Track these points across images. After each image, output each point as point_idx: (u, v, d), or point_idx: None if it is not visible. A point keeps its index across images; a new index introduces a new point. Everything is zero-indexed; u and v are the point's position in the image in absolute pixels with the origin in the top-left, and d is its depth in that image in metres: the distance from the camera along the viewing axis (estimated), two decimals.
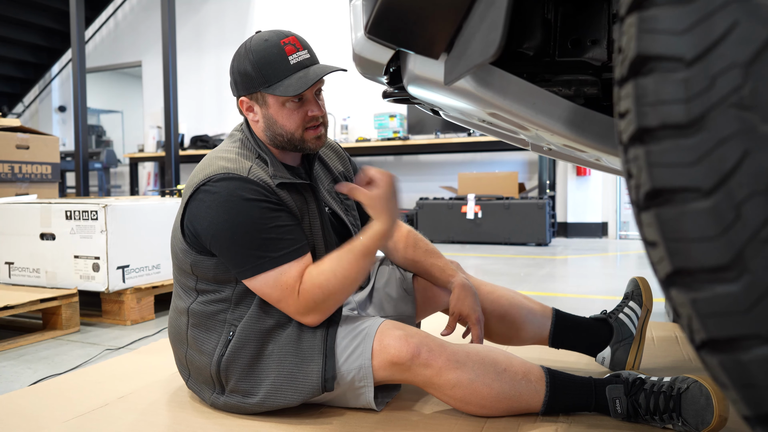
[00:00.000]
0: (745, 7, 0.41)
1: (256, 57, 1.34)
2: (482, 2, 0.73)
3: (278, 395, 1.31)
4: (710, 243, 0.43)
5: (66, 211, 2.41)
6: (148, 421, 1.37)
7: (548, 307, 1.66)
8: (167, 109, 5.60)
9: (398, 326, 1.33)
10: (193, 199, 1.33)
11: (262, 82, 1.34)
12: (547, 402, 1.32)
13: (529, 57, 1.14)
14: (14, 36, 7.38)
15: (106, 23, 8.52)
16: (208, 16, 7.70)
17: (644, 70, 0.46)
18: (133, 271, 2.42)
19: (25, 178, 3.81)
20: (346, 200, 1.58)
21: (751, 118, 0.41)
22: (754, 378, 0.43)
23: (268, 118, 1.38)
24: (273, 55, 1.33)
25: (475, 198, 5.39)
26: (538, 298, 2.82)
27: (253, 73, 1.34)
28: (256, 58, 1.34)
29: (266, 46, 1.34)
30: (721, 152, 0.42)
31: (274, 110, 1.36)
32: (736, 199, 0.42)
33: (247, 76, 1.35)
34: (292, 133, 1.38)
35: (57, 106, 9.18)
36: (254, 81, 1.34)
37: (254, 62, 1.34)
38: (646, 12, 0.45)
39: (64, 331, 2.26)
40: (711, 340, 0.45)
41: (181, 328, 1.42)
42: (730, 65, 0.41)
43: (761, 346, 0.43)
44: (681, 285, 0.46)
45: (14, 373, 1.80)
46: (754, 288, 0.42)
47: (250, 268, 1.29)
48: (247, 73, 1.34)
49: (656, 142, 0.45)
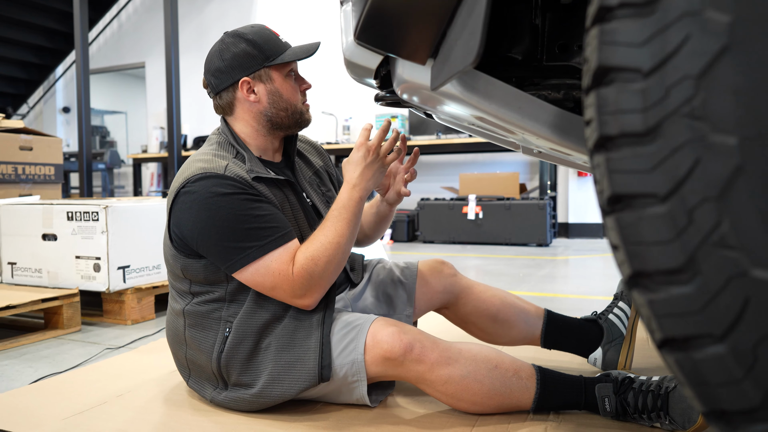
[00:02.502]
0: (696, 21, 0.43)
1: (253, 38, 1.42)
2: (463, 11, 0.76)
3: (276, 385, 1.33)
4: (665, 246, 0.45)
5: (67, 212, 2.44)
6: (145, 419, 1.40)
7: (541, 308, 1.68)
8: (170, 110, 5.64)
9: (391, 323, 1.35)
10: (175, 203, 1.36)
11: (265, 58, 1.42)
12: (537, 399, 1.34)
13: (518, 61, 1.17)
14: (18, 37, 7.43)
15: (110, 25, 8.56)
16: (211, 17, 7.74)
17: (605, 80, 0.48)
18: (133, 272, 2.45)
19: (28, 179, 3.84)
20: (327, 192, 1.61)
21: (701, 128, 0.43)
22: (707, 376, 0.45)
23: (273, 93, 1.44)
24: (268, 34, 1.45)
25: (476, 198, 5.41)
26: (538, 298, 2.84)
27: (254, 51, 1.41)
28: (253, 38, 1.42)
29: (257, 30, 1.45)
30: (675, 160, 0.44)
31: (279, 84, 1.44)
32: (689, 204, 0.44)
33: (247, 56, 1.41)
34: (295, 105, 1.46)
35: (61, 107, 9.23)
36: (256, 59, 1.41)
37: (252, 42, 1.42)
38: (607, 25, 0.47)
39: (65, 331, 2.29)
40: (667, 340, 0.47)
41: (179, 330, 1.44)
42: (683, 77, 0.43)
43: (712, 345, 0.45)
44: (640, 286, 0.48)
45: (16, 372, 1.82)
46: (706, 289, 0.44)
47: (238, 260, 1.31)
48: (247, 53, 1.41)
49: (616, 150, 0.47)
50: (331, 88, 6.46)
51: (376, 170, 1.39)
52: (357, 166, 1.37)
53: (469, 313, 1.65)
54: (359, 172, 1.37)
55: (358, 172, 1.37)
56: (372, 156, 1.37)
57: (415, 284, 1.65)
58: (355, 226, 1.37)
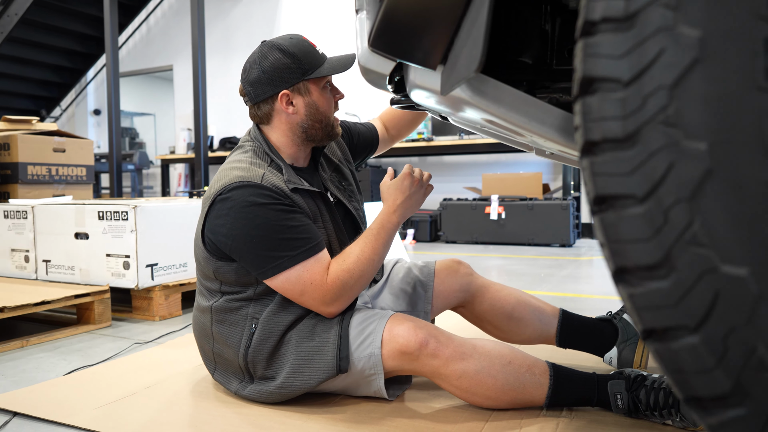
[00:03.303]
0: (670, 35, 0.46)
1: (292, 50, 1.44)
2: (468, 20, 0.79)
3: (297, 377, 1.38)
4: (644, 244, 0.49)
5: (98, 211, 2.53)
6: (172, 409, 1.46)
7: (556, 307, 1.70)
8: (196, 112, 5.76)
9: (408, 318, 1.39)
10: (212, 210, 1.41)
11: (304, 71, 1.45)
12: (550, 395, 1.36)
13: (528, 65, 1.20)
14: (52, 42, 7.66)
15: (139, 29, 8.76)
16: (237, 20, 7.86)
17: (590, 89, 0.51)
18: (161, 269, 2.53)
19: (61, 179, 3.98)
20: (348, 186, 1.66)
21: (675, 134, 0.46)
22: (682, 364, 0.49)
23: (310, 106, 1.48)
24: (306, 46, 1.47)
25: (498, 199, 5.41)
26: (559, 298, 2.85)
27: (293, 64, 1.44)
28: (292, 51, 1.44)
29: (296, 41, 1.47)
30: (651, 164, 0.48)
31: (316, 96, 1.48)
32: (664, 205, 0.47)
33: (287, 68, 1.44)
34: (329, 118, 1.51)
35: (92, 110, 9.47)
36: (295, 72, 1.44)
37: (291, 54, 1.44)
38: (591, 38, 0.51)
39: (96, 326, 2.38)
40: (647, 331, 0.51)
41: (206, 325, 1.50)
42: (658, 87, 0.47)
43: (688, 336, 0.48)
44: (622, 281, 0.51)
45: (51, 364, 1.91)
46: (680, 284, 0.47)
47: (270, 268, 1.37)
48: (286, 65, 1.44)
49: (599, 154, 0.51)
50: (354, 89, 6.51)
51: (418, 199, 1.45)
52: (400, 194, 1.43)
53: (485, 312, 1.68)
54: (401, 200, 1.43)
55: (400, 200, 1.43)
56: (416, 187, 1.44)
57: (433, 283, 1.69)
58: (388, 246, 1.44)
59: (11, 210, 2.85)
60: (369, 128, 1.87)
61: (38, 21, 7.24)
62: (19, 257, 2.81)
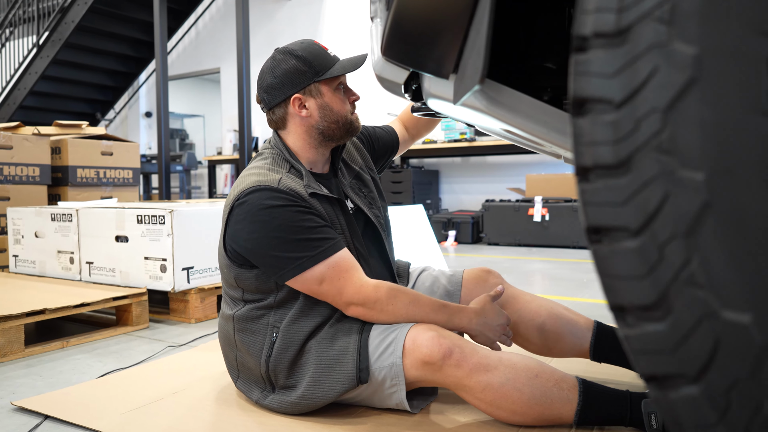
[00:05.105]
0: (664, 52, 0.41)
1: (303, 54, 1.46)
2: (473, 30, 0.75)
3: (317, 387, 1.37)
4: (638, 282, 0.44)
5: (137, 215, 2.59)
6: (195, 416, 1.47)
7: (590, 319, 1.63)
8: (241, 114, 5.84)
9: (431, 327, 1.36)
10: (231, 216, 1.42)
11: (315, 73, 1.46)
12: (579, 412, 1.30)
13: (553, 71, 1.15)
14: (106, 48, 7.92)
15: (188, 33, 8.97)
16: (281, 23, 7.95)
17: (582, 110, 0.47)
18: (197, 272, 2.57)
19: (108, 182, 4.10)
20: (369, 193, 1.63)
21: (670, 162, 0.41)
22: (681, 417, 0.44)
23: (323, 108, 1.48)
24: (317, 49, 1.48)
25: (542, 200, 5.29)
26: (598, 306, 2.75)
27: (304, 68, 1.45)
28: (302, 54, 1.46)
29: (306, 45, 1.48)
30: (645, 194, 0.43)
31: (328, 98, 1.48)
32: (659, 240, 0.42)
33: (298, 72, 1.45)
34: (345, 116, 1.50)
35: (144, 112, 9.77)
36: (306, 74, 1.45)
37: (302, 58, 1.46)
38: (582, 55, 0.46)
39: (134, 327, 2.44)
40: (647, 376, 0.46)
41: (230, 333, 1.51)
42: (651, 110, 0.42)
43: (686, 386, 0.43)
44: (619, 320, 0.47)
45: (86, 366, 1.96)
46: (678, 328, 0.42)
47: (290, 270, 1.36)
48: (297, 69, 1.45)
49: (591, 181, 0.46)
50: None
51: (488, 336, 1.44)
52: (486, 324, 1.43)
53: (515, 323, 1.63)
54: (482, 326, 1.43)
55: (481, 324, 1.43)
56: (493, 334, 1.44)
57: (460, 292, 1.65)
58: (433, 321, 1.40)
59: (58, 213, 2.95)
60: (388, 131, 1.85)
61: (93, 27, 7.50)
62: (65, 259, 2.91)
